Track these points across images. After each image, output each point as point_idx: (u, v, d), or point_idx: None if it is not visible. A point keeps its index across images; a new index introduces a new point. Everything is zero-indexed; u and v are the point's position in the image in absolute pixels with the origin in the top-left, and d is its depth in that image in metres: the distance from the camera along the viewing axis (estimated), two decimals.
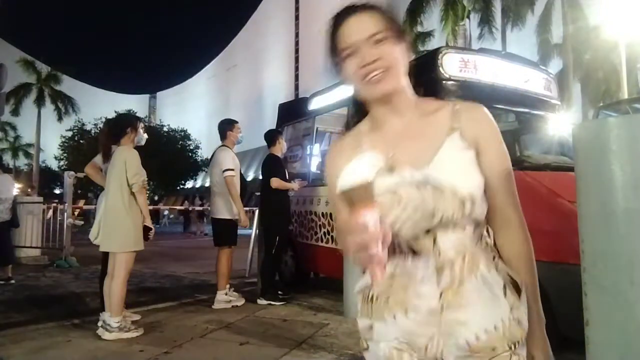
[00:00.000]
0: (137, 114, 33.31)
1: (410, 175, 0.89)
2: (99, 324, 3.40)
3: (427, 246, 0.90)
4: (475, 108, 0.97)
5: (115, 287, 3.39)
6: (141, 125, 3.77)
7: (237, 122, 4.80)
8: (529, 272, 0.95)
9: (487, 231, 0.95)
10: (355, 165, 0.78)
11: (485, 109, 0.97)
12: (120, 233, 3.42)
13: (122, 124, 3.67)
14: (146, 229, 3.54)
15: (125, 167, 3.41)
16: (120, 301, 3.40)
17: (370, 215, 0.72)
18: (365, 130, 1.02)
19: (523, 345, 0.91)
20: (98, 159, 3.85)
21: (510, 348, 0.88)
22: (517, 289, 0.91)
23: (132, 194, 3.43)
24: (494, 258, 0.93)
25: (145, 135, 3.84)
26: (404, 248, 0.92)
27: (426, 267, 0.91)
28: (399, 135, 0.96)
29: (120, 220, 3.40)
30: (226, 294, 4.37)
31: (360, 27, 0.93)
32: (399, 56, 0.93)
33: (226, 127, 4.66)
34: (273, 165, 4.73)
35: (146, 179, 3.58)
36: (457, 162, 0.90)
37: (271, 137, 4.84)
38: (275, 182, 4.59)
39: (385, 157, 0.93)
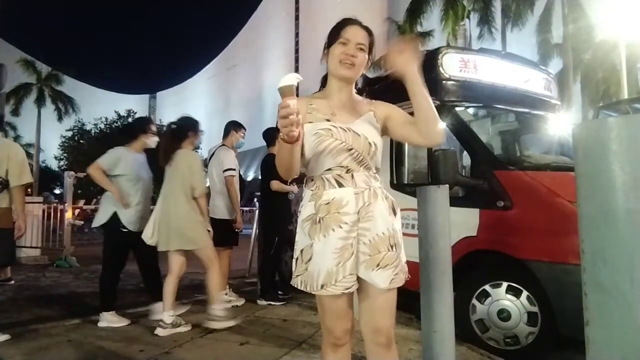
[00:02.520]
0: (137, 114, 33.38)
1: (340, 125, 1.51)
2: (154, 317, 3.64)
3: (348, 180, 1.49)
4: (385, 103, 1.65)
5: (214, 277, 3.56)
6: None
7: (244, 127, 4.82)
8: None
9: (380, 179, 1.57)
10: (286, 77, 1.26)
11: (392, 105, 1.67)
12: (191, 232, 3.53)
13: (185, 128, 3.72)
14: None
15: (190, 172, 3.53)
16: (173, 297, 3.54)
17: (291, 100, 1.24)
18: (317, 96, 1.62)
19: (399, 247, 1.52)
20: (106, 161, 3.81)
21: (389, 250, 1.48)
22: (395, 212, 1.55)
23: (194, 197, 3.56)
24: (384, 193, 1.55)
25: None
26: (334, 183, 1.49)
27: (349, 195, 1.47)
28: (338, 104, 1.57)
29: (185, 222, 3.50)
30: (226, 294, 4.37)
31: (357, 34, 1.55)
32: (364, 64, 1.56)
33: (232, 127, 4.65)
34: (273, 166, 4.71)
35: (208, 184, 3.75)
36: (369, 125, 1.56)
37: (271, 135, 4.82)
38: (276, 185, 4.57)
39: (326, 113, 1.54)
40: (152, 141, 3.95)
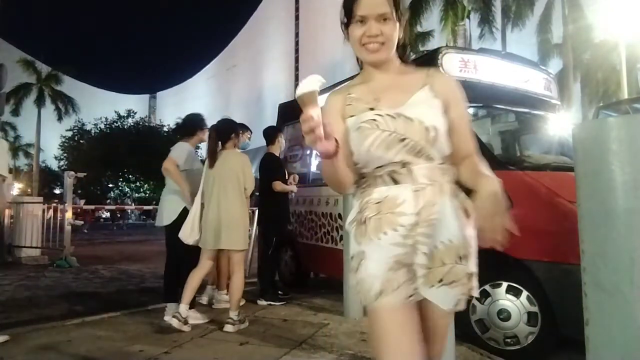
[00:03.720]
0: (137, 114, 33.28)
1: (387, 112, 1.20)
2: (167, 318, 3.60)
3: (406, 176, 1.18)
4: (446, 75, 1.37)
5: (237, 282, 3.60)
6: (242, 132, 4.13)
7: (250, 130, 4.82)
8: (485, 170, 1.20)
9: (451, 171, 1.23)
10: (306, 82, 1.05)
11: (454, 80, 1.31)
12: (241, 233, 3.62)
13: (228, 130, 3.82)
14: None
15: (243, 172, 3.66)
16: (240, 295, 3.66)
17: (313, 110, 1.03)
18: (356, 83, 1.32)
19: (470, 258, 1.19)
20: (182, 156, 3.86)
21: (456, 262, 1.17)
22: (468, 214, 1.20)
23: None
24: (454, 189, 1.22)
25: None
26: (388, 180, 1.20)
27: (406, 192, 1.17)
28: (382, 87, 1.26)
29: (238, 221, 3.61)
30: (226, 294, 4.37)
31: (374, 5, 1.20)
32: (395, 35, 1.23)
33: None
34: (273, 166, 4.72)
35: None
36: (424, 105, 1.21)
37: (270, 134, 4.81)
38: (279, 186, 4.59)
39: (368, 101, 1.24)
40: (206, 137, 4.04)
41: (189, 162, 3.92)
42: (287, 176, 4.81)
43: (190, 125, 4.13)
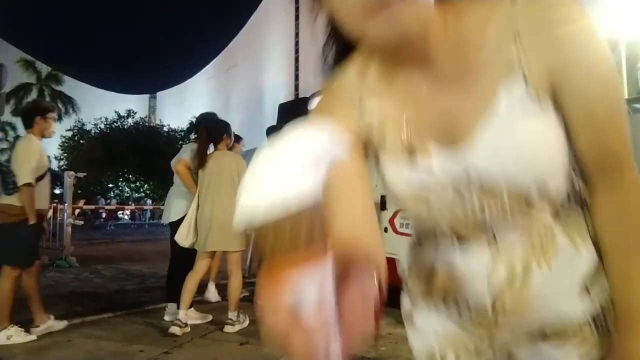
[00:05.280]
0: (136, 114, 33.36)
1: (442, 169, 0.57)
2: (167, 318, 3.65)
3: (480, 235, 0.60)
4: (548, 8, 0.54)
5: (235, 283, 3.58)
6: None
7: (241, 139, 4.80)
8: (632, 253, 0.56)
9: (578, 187, 0.60)
10: (285, 154, 0.40)
11: (569, 2, 0.56)
12: (237, 234, 3.59)
13: (220, 131, 3.78)
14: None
15: (238, 173, 3.61)
16: (239, 296, 3.62)
17: (307, 283, 0.35)
18: (371, 79, 0.63)
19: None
20: (188, 157, 3.80)
21: None
22: (588, 289, 0.59)
23: None
24: (586, 224, 0.59)
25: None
26: (448, 233, 0.63)
27: (479, 261, 0.61)
28: (421, 89, 0.59)
29: (233, 223, 3.48)
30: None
31: None
32: None
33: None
34: None
35: None
36: (520, 134, 0.54)
37: (272, 135, 4.82)
38: None
39: (398, 126, 0.59)
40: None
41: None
42: None
43: (216, 131, 3.93)
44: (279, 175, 0.38)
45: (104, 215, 23.40)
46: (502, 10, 0.54)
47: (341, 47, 0.66)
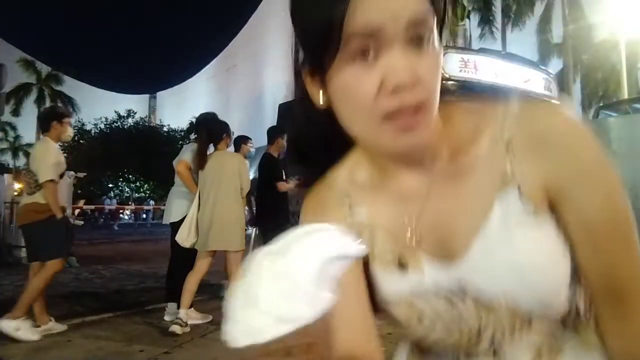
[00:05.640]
0: (136, 114, 33.35)
1: (434, 279, 0.54)
2: (167, 318, 3.67)
3: (478, 348, 0.55)
4: (540, 120, 0.51)
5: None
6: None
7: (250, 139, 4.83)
8: None
9: (586, 302, 0.54)
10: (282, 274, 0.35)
11: (563, 111, 0.51)
12: (238, 234, 3.64)
13: (220, 131, 3.79)
14: None
15: (239, 173, 3.66)
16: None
17: None
18: (361, 180, 0.60)
19: None
20: (189, 158, 3.81)
21: None
22: None
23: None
24: (595, 333, 0.54)
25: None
26: (443, 345, 0.57)
27: None
28: (416, 198, 0.55)
29: (234, 222, 3.62)
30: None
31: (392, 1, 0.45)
32: (439, 71, 0.51)
33: (241, 141, 4.64)
34: (272, 167, 4.71)
35: None
36: (515, 247, 0.50)
37: (272, 135, 4.81)
38: (283, 187, 4.59)
39: (389, 236, 0.56)
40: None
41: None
42: (284, 176, 4.81)
43: (215, 132, 3.98)
44: (286, 288, 0.34)
45: (109, 215, 23.58)
46: (495, 118, 0.53)
47: (320, 133, 0.59)
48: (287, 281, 0.34)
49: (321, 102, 0.52)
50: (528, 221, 0.49)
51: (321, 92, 0.52)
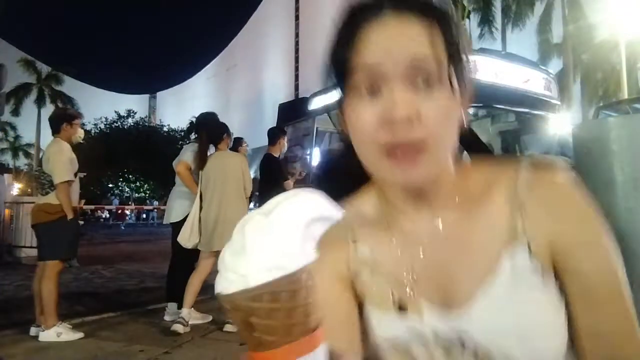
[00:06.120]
0: (136, 114, 33.30)
1: (433, 327, 0.53)
2: (167, 318, 3.68)
3: None
4: (550, 185, 0.53)
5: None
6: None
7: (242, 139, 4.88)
8: None
9: None
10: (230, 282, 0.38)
11: (567, 178, 0.53)
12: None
13: (219, 131, 3.80)
14: None
15: (242, 173, 3.66)
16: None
17: None
18: (368, 215, 0.60)
19: None
20: (189, 158, 3.80)
21: None
22: None
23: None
24: None
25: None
26: None
27: None
28: (421, 240, 0.56)
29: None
30: None
31: (397, 39, 0.49)
32: (452, 114, 0.51)
33: (237, 143, 4.66)
34: (277, 167, 4.73)
35: None
36: (521, 309, 0.50)
37: (274, 135, 4.82)
38: (290, 185, 4.63)
39: (393, 278, 0.56)
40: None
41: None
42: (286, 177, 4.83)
43: (216, 132, 3.99)
44: (274, 240, 0.37)
45: (115, 215, 23.78)
46: (506, 177, 0.55)
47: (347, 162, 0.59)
48: (275, 235, 0.36)
49: (344, 133, 0.56)
50: (535, 282, 0.50)
51: (343, 124, 0.56)
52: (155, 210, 24.08)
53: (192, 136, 4.18)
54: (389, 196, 0.58)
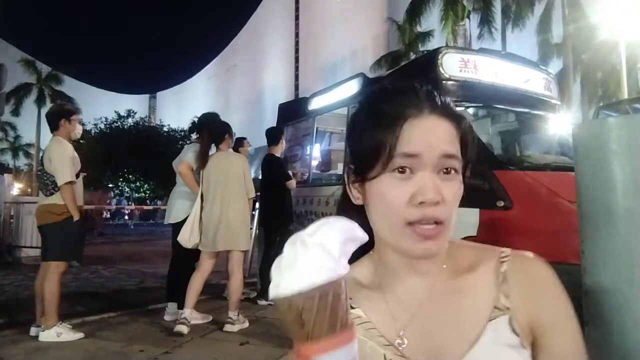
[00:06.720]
0: (137, 114, 33.29)
1: None
2: (167, 318, 3.69)
3: None
4: (531, 268, 0.63)
5: (236, 282, 3.61)
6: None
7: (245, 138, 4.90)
8: None
9: None
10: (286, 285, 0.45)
11: (545, 266, 0.64)
12: (244, 234, 3.67)
13: (221, 131, 3.79)
14: None
15: (244, 174, 3.68)
16: (239, 295, 3.66)
17: None
18: (363, 279, 0.68)
19: None
20: (190, 158, 3.80)
21: None
22: None
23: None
24: None
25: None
26: None
27: None
28: (413, 304, 0.63)
29: (244, 222, 3.67)
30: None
31: (433, 136, 0.59)
32: (458, 197, 0.62)
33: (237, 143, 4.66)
34: (280, 166, 4.74)
35: None
36: None
37: (274, 135, 4.82)
38: (293, 185, 4.64)
39: (384, 330, 0.63)
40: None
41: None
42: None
43: (218, 132, 3.98)
44: (316, 256, 0.45)
45: (125, 215, 24.01)
46: (492, 257, 0.64)
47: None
48: (317, 250, 0.45)
49: (360, 202, 0.65)
50: (514, 355, 0.57)
51: (361, 195, 0.65)
52: (159, 210, 24.21)
53: (194, 136, 4.18)
54: (389, 262, 0.65)
